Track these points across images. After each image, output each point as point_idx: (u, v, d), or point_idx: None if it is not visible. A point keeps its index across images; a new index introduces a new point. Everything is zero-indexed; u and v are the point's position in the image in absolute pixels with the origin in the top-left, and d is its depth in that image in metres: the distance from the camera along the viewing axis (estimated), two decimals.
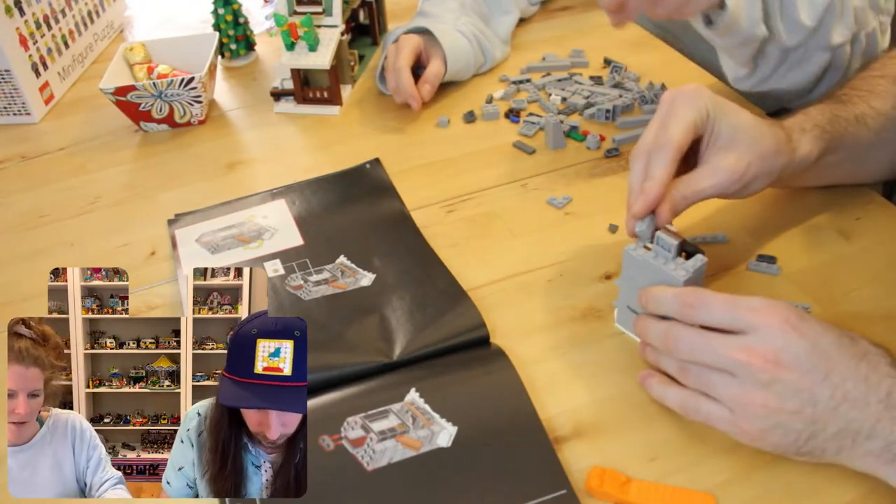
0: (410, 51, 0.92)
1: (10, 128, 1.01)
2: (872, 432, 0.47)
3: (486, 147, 0.87)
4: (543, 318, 0.65)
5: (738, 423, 0.49)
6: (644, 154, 0.58)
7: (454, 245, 0.74)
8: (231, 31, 1.07)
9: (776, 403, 0.48)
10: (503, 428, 0.55)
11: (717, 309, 0.51)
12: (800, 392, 0.48)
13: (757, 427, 0.49)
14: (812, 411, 0.48)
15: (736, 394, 0.49)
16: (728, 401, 0.50)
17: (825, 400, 0.47)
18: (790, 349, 0.48)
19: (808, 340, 0.48)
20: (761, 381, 0.48)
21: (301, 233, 0.76)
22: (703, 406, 0.51)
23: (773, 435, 0.49)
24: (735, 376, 0.49)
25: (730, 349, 0.49)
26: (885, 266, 0.67)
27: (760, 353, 0.48)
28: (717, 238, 0.70)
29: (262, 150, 0.92)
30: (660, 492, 0.51)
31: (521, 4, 1.09)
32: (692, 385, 0.52)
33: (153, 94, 0.92)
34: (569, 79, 0.97)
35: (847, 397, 0.47)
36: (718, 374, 0.50)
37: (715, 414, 0.51)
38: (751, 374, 0.48)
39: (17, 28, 0.97)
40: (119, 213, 0.84)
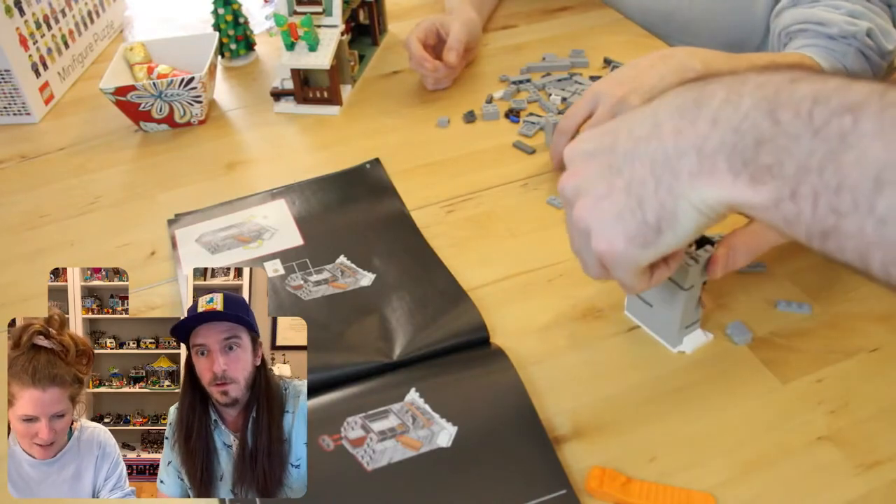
0: (422, 28, 0.96)
1: (10, 128, 1.01)
2: (678, 150, 0.42)
3: (486, 147, 0.87)
4: (543, 318, 0.65)
5: (594, 245, 0.47)
6: None
7: (454, 245, 0.74)
8: (231, 31, 1.07)
9: (591, 202, 0.46)
10: (503, 428, 0.55)
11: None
12: (601, 172, 0.46)
13: (599, 234, 0.46)
14: (619, 177, 0.45)
15: (570, 218, 0.49)
16: (574, 231, 0.49)
17: (621, 156, 0.45)
18: (583, 147, 0.48)
19: (600, 131, 0.48)
20: (573, 194, 0.48)
21: (301, 233, 0.76)
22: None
23: (612, 231, 0.45)
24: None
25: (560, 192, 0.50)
26: None
27: (563, 177, 0.49)
28: None
29: (262, 150, 0.92)
30: (660, 492, 0.51)
31: None
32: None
33: (153, 94, 0.92)
34: (569, 79, 0.97)
35: (637, 138, 0.44)
36: (567, 209, 0.50)
37: (586, 261, 0.50)
38: (563, 195, 0.49)
39: (17, 28, 0.97)
40: (119, 213, 0.84)
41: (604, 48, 1.02)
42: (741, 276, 0.66)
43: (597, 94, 0.74)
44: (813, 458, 0.52)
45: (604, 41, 1.05)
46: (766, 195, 0.38)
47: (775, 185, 0.37)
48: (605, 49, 1.02)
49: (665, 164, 0.42)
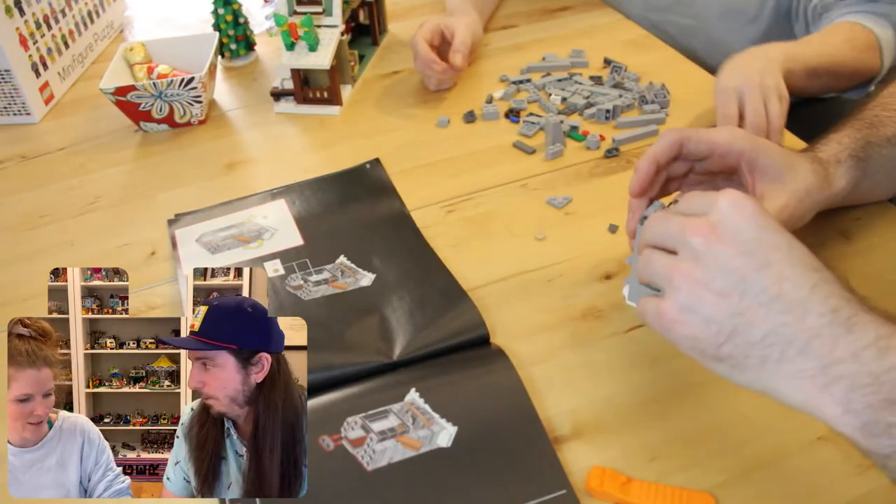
0: (427, 29, 0.96)
1: (10, 128, 1.01)
2: (806, 348, 0.41)
3: (486, 147, 0.87)
4: (543, 318, 0.65)
5: (660, 302, 0.44)
6: None
7: (454, 245, 0.74)
8: (231, 31, 1.07)
9: (702, 276, 0.43)
10: (503, 428, 0.55)
11: (694, 196, 0.47)
12: (730, 272, 0.42)
13: (676, 304, 0.43)
14: (739, 301, 0.42)
15: (666, 266, 0.44)
16: (659, 278, 0.45)
17: (757, 291, 0.42)
18: (733, 223, 0.43)
19: (757, 224, 0.43)
20: (693, 251, 0.43)
21: (301, 233, 0.76)
22: (644, 299, 0.47)
23: (692, 320, 0.43)
24: (675, 253, 0.45)
25: (677, 222, 0.45)
26: (885, 266, 0.67)
27: (701, 222, 0.44)
28: None
29: (262, 150, 0.92)
30: (660, 492, 0.51)
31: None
32: (642, 270, 0.47)
33: (153, 94, 0.92)
34: (569, 79, 0.97)
35: (783, 296, 0.41)
36: (659, 254, 0.46)
37: (648, 304, 0.46)
38: (686, 244, 0.44)
39: (17, 28, 0.97)
40: (119, 213, 0.84)
41: (604, 48, 1.02)
42: None
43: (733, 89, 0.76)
44: (813, 458, 0.52)
45: (604, 41, 1.05)
46: (875, 443, 0.39)
47: (891, 444, 0.39)
48: (605, 49, 1.02)
49: (784, 344, 0.41)
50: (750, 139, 0.59)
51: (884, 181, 0.67)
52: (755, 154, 0.58)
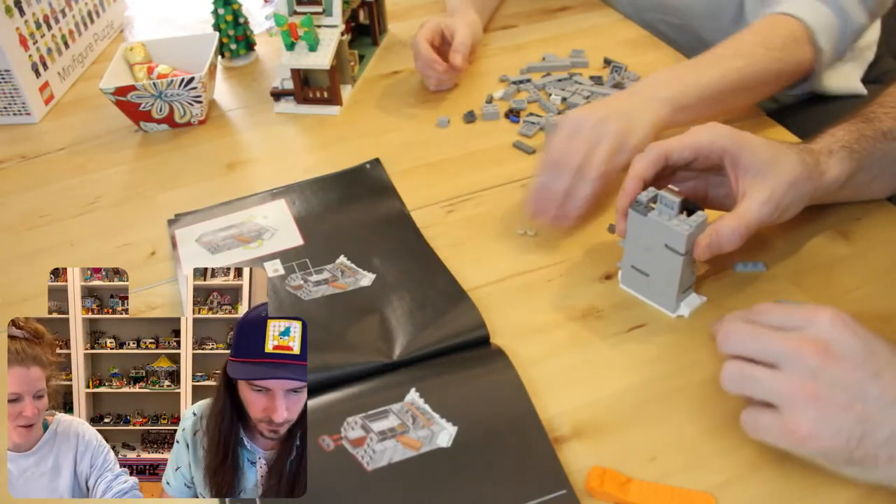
0: (428, 29, 0.96)
1: (10, 128, 1.01)
2: None
3: (486, 147, 0.87)
4: (543, 318, 0.65)
5: (787, 421, 0.46)
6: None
7: (454, 245, 0.74)
8: (231, 31, 1.07)
9: (826, 394, 0.45)
10: (503, 428, 0.55)
11: (775, 310, 0.50)
12: (849, 386, 0.45)
13: (808, 421, 0.46)
14: (863, 408, 0.45)
15: (783, 385, 0.47)
16: (775, 396, 0.47)
17: (875, 397, 0.45)
18: (841, 341, 0.46)
19: (860, 337, 0.47)
20: (810, 370, 0.46)
21: (301, 233, 0.76)
22: (752, 414, 0.49)
23: (825, 433, 0.46)
24: (782, 369, 0.47)
25: (779, 339, 0.47)
26: (885, 266, 0.67)
27: (811, 341, 0.46)
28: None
29: (262, 150, 0.92)
30: (660, 492, 0.51)
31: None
32: (732, 383, 0.50)
33: (153, 94, 0.92)
34: (569, 79, 0.97)
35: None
36: (763, 369, 0.48)
37: (763, 421, 0.48)
38: (800, 363, 0.46)
39: (17, 28, 0.97)
40: (119, 213, 0.84)
41: (604, 48, 1.02)
42: (741, 276, 0.66)
43: None
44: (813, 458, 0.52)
45: (604, 41, 1.05)
46: None
47: None
48: (605, 49, 1.02)
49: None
50: (732, 136, 0.60)
51: (880, 176, 0.67)
52: (737, 151, 0.60)
